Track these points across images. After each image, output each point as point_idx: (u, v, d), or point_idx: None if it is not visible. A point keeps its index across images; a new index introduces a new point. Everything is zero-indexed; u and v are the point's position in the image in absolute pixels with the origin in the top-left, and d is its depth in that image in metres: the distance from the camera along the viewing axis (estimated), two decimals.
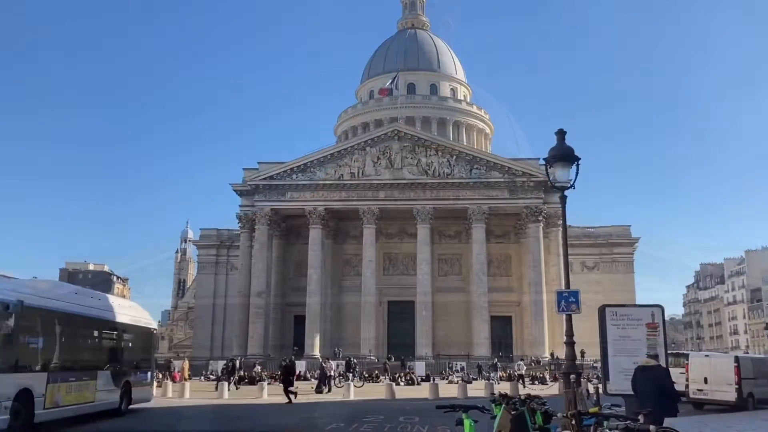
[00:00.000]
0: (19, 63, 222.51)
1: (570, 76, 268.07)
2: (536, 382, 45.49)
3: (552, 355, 55.84)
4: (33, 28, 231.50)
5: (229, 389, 38.97)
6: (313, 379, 45.00)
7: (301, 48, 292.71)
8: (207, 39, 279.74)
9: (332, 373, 42.56)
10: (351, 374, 45.80)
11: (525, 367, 51.35)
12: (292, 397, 28.64)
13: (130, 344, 23.38)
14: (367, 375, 49.39)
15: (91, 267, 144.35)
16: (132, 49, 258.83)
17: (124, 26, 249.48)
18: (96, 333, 20.96)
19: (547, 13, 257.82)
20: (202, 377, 51.77)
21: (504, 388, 34.31)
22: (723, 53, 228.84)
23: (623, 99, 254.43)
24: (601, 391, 13.92)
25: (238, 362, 49.71)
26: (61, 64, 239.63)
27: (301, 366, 51.69)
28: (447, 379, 48.77)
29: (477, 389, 36.64)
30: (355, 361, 50.83)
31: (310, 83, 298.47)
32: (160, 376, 47.70)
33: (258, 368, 50.02)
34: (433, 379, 42.96)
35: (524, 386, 40.95)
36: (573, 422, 8.95)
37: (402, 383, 44.76)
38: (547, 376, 48.22)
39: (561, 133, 15.93)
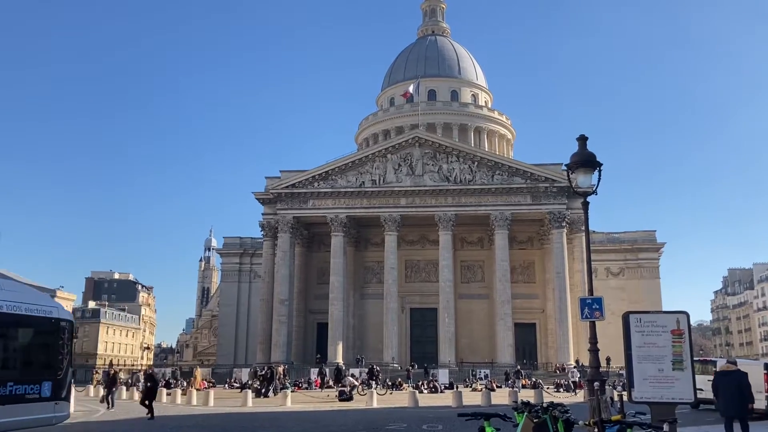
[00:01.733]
0: (48, 78, 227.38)
1: (594, 80, 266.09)
2: (561, 390, 44.99)
3: (577, 362, 55.12)
4: (69, 43, 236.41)
5: (267, 396, 39.27)
6: (336, 387, 45.06)
7: (322, 57, 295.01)
8: (225, 50, 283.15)
9: (356, 381, 42.57)
10: (374, 382, 45.77)
11: (578, 374, 48.15)
12: (152, 410, 25.04)
13: None
14: (390, 383, 49.22)
15: (117, 276, 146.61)
16: (150, 60, 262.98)
17: (139, 36, 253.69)
18: None
19: (571, 18, 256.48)
20: (226, 385, 51.99)
21: (528, 395, 34.05)
22: (754, 58, 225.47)
23: (649, 103, 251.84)
24: (625, 398, 13.73)
25: (282, 368, 47.68)
26: (83, 75, 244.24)
27: (325, 373, 51.95)
28: (470, 386, 48.41)
29: (501, 397, 36.39)
30: (377, 368, 50.78)
31: (331, 92, 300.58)
32: (185, 383, 48.21)
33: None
34: (457, 387, 42.68)
35: (576, 394, 40.33)
36: (596, 430, 8.88)
37: (425, 391, 44.55)
38: (572, 384, 47.56)
39: (582, 139, 15.84)
